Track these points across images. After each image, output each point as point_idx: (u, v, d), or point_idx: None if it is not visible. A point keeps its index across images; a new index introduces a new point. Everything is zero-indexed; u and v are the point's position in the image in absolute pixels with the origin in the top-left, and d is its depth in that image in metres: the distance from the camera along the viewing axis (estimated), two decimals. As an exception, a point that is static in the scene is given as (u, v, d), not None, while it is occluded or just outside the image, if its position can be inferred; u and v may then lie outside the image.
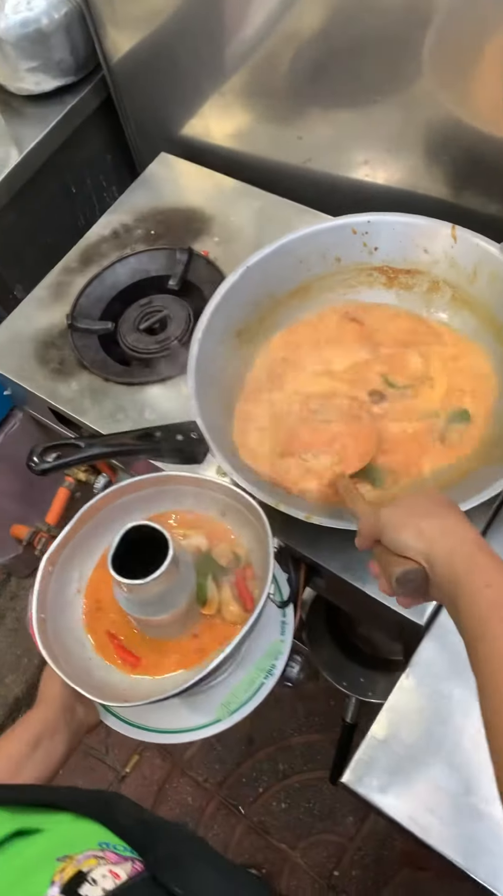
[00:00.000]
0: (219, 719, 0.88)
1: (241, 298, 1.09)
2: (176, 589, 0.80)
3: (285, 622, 0.94)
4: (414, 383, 1.05)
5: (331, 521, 0.88)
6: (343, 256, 1.12)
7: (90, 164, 1.54)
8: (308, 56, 1.15)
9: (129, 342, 1.21)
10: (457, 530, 0.66)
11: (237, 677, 0.91)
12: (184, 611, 0.83)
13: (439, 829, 0.82)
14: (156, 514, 0.94)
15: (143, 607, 0.81)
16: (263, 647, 0.93)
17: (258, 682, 0.90)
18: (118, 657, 0.87)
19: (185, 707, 0.90)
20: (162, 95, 1.39)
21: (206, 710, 0.89)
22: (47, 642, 0.84)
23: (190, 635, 0.87)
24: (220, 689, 0.90)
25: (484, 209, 1.18)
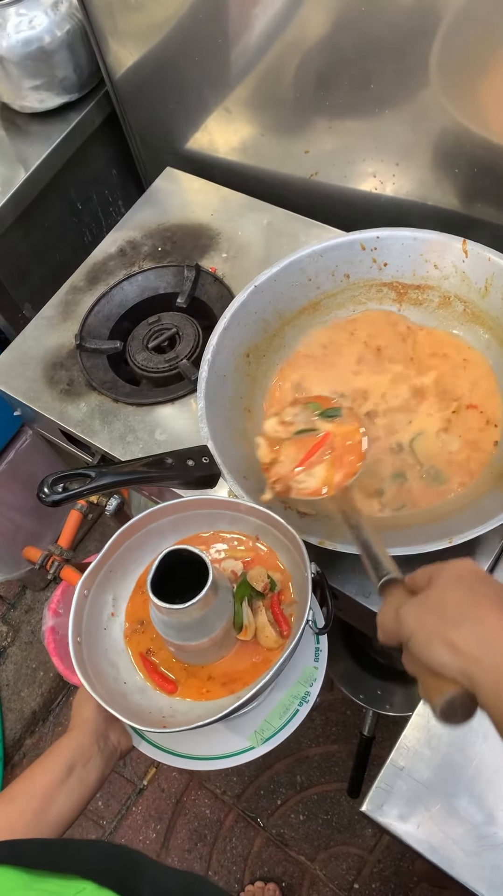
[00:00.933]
0: (252, 747, 0.87)
1: (249, 318, 1.08)
2: (213, 614, 0.79)
3: (319, 649, 0.93)
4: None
5: (345, 547, 0.87)
6: (352, 273, 1.11)
7: (96, 181, 1.53)
8: (313, 67, 1.14)
9: (138, 361, 1.20)
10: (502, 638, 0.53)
11: (271, 704, 0.89)
12: (220, 636, 0.82)
13: (462, 858, 0.81)
14: (190, 536, 0.93)
15: (180, 632, 0.80)
16: (297, 674, 0.91)
17: (292, 709, 0.89)
18: (154, 682, 0.87)
19: (219, 734, 0.89)
20: (166, 109, 1.38)
21: (239, 737, 0.88)
22: (83, 665, 0.83)
23: (226, 660, 0.87)
24: (254, 716, 0.89)
25: (496, 220, 1.17)
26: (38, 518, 1.79)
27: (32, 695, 2.05)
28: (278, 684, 0.92)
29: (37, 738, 2.02)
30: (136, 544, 0.91)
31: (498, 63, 0.98)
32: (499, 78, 1.00)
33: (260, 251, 1.28)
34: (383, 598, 0.66)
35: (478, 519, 0.86)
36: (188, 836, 1.84)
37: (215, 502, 0.91)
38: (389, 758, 0.87)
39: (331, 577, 0.97)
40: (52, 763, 0.83)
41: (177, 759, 0.89)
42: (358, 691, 1.60)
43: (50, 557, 1.16)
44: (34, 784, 0.81)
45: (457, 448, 1.00)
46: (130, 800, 1.91)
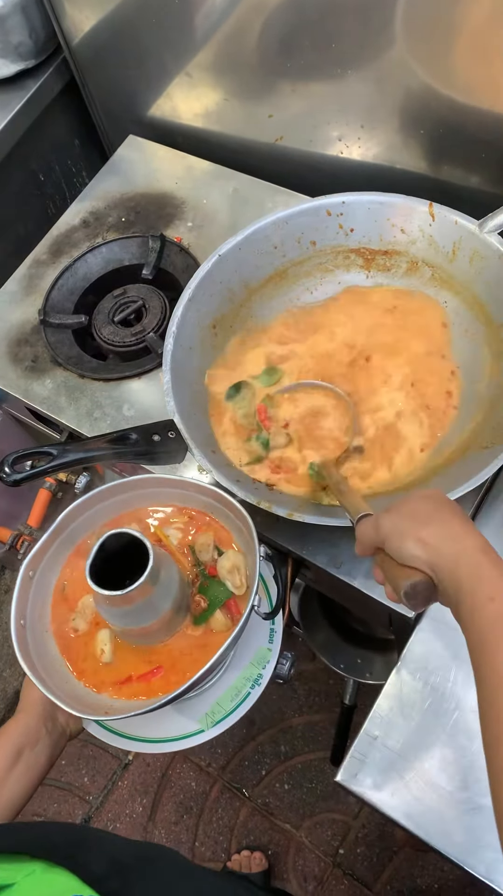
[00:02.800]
0: (202, 730, 0.86)
1: (214, 288, 1.06)
2: (157, 597, 0.78)
3: (274, 629, 0.92)
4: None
5: (314, 518, 0.85)
6: (318, 240, 1.09)
7: (58, 151, 1.49)
8: (276, 28, 1.11)
9: (104, 335, 1.18)
10: (462, 537, 0.62)
11: (223, 686, 0.89)
12: (167, 619, 0.80)
13: (436, 824, 0.81)
14: (137, 508, 0.92)
15: (122, 617, 0.78)
16: (250, 656, 0.91)
17: (244, 691, 0.88)
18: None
19: (168, 717, 0.88)
20: (126, 75, 1.34)
21: (189, 720, 0.87)
22: (26, 650, 0.81)
23: (172, 642, 0.85)
24: (206, 698, 0.88)
25: (464, 182, 1.15)
26: (13, 498, 1.77)
27: (14, 675, 2.05)
28: (231, 666, 0.91)
29: (20, 717, 2.02)
30: (84, 524, 0.89)
31: (464, 21, 0.95)
32: (466, 36, 0.97)
33: (226, 219, 1.25)
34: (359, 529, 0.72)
35: (449, 485, 0.85)
36: (174, 808, 1.85)
37: (163, 481, 0.90)
38: (363, 728, 0.87)
39: (302, 549, 0.96)
40: (0, 748, 0.82)
41: (125, 742, 0.89)
42: (338, 661, 1.60)
43: (20, 537, 1.14)
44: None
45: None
46: (116, 775, 1.91)
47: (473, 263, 1.01)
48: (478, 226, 0.98)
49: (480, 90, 1.01)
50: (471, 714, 0.85)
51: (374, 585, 0.93)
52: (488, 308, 1.00)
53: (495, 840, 0.79)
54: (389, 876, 1.68)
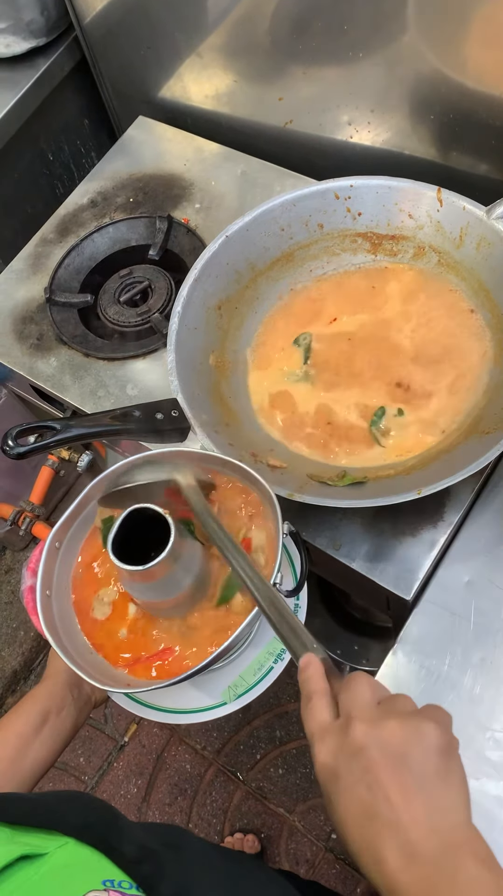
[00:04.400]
0: (224, 702, 0.87)
1: (221, 269, 1.06)
2: (180, 571, 0.78)
3: (298, 605, 0.92)
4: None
5: (315, 499, 0.86)
6: (326, 223, 1.09)
7: (67, 131, 1.49)
8: (289, 11, 1.11)
9: (109, 315, 1.18)
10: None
11: (246, 660, 0.89)
12: (189, 594, 0.80)
13: (427, 805, 0.81)
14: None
15: (145, 591, 0.79)
16: (273, 631, 0.91)
17: (267, 665, 0.88)
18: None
19: (193, 688, 0.88)
20: (138, 55, 1.34)
21: (212, 692, 0.88)
22: (51, 621, 0.81)
23: (196, 616, 0.84)
24: (229, 671, 0.88)
25: (473, 170, 1.15)
26: (15, 477, 1.77)
27: (13, 654, 2.06)
28: (254, 641, 0.91)
29: (18, 696, 2.03)
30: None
31: (476, 6, 0.95)
32: (478, 22, 0.97)
33: (233, 202, 1.25)
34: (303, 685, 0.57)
35: (449, 470, 0.85)
36: (169, 790, 1.86)
37: (192, 454, 0.88)
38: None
39: (302, 530, 0.96)
40: (27, 712, 0.83)
41: (148, 711, 0.89)
42: (335, 646, 1.61)
43: (21, 514, 1.15)
44: (9, 732, 0.81)
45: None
46: (112, 755, 1.93)
47: (480, 250, 1.01)
48: (486, 212, 0.98)
49: (491, 76, 1.01)
50: (465, 697, 0.85)
51: (373, 568, 0.93)
52: (493, 294, 1.00)
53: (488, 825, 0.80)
54: (381, 861, 1.69)
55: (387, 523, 0.95)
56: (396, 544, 0.93)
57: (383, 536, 0.94)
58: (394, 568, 0.92)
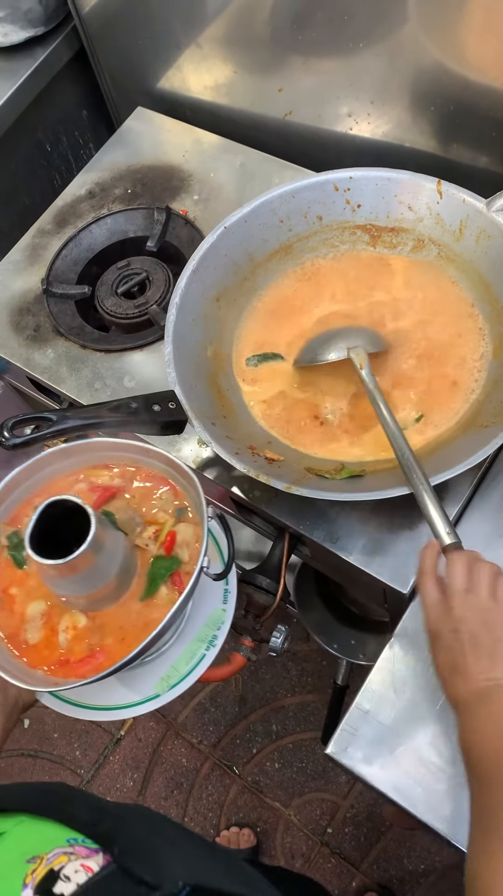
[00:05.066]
0: (157, 695, 0.85)
1: (219, 261, 1.05)
2: (103, 563, 0.75)
3: (228, 590, 0.91)
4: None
5: (312, 492, 0.85)
6: (325, 215, 1.08)
7: (65, 121, 1.48)
8: (289, 1, 1.10)
9: (106, 307, 1.18)
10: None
11: (178, 650, 0.88)
12: (114, 585, 0.79)
13: (423, 798, 0.81)
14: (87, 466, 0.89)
15: (69, 585, 0.76)
16: (204, 617, 0.89)
17: (199, 653, 0.87)
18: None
19: (123, 683, 0.87)
20: (136, 46, 1.33)
21: (145, 685, 0.86)
22: None
23: (119, 608, 0.82)
24: (161, 663, 0.87)
25: (474, 162, 1.14)
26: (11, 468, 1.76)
27: None
28: (185, 630, 0.90)
29: None
30: (24, 493, 0.87)
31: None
32: (478, 13, 0.97)
33: (232, 193, 1.24)
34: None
35: (447, 464, 0.85)
36: (165, 784, 1.86)
37: (107, 444, 0.87)
38: (354, 701, 0.87)
39: (299, 523, 0.96)
40: None
41: (79, 710, 0.87)
42: (332, 641, 1.60)
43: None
44: None
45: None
46: (108, 749, 1.92)
47: (480, 242, 1.00)
48: (486, 204, 0.98)
49: (492, 68, 1.00)
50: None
51: (370, 561, 0.93)
52: (493, 287, 0.99)
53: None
54: (376, 856, 1.70)
55: (385, 517, 0.94)
56: (393, 538, 0.93)
57: (380, 530, 0.94)
58: (391, 561, 0.92)
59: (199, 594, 0.90)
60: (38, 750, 1.94)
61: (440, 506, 0.80)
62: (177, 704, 1.94)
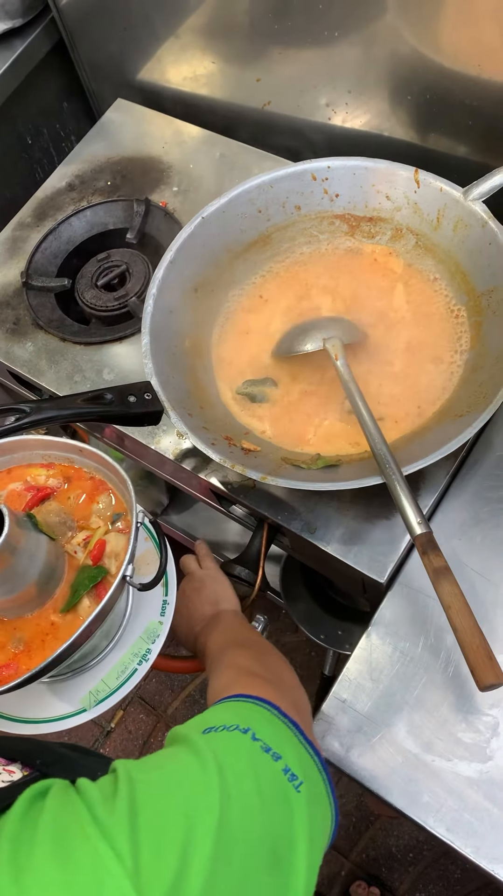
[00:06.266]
0: (83, 709, 0.83)
1: (197, 251, 1.05)
2: (21, 566, 0.73)
3: (167, 601, 0.88)
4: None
5: (287, 482, 0.86)
6: (303, 204, 1.08)
7: (46, 114, 1.47)
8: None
9: (86, 299, 1.18)
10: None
11: (110, 662, 0.85)
12: (34, 591, 0.76)
13: (400, 786, 0.81)
14: (24, 464, 0.88)
15: None
16: (139, 631, 0.87)
17: (131, 668, 0.85)
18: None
19: (50, 694, 0.84)
20: (116, 37, 1.32)
21: (72, 699, 0.84)
22: None
23: (42, 614, 0.80)
24: (91, 676, 0.85)
25: (452, 151, 1.14)
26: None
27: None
28: (119, 642, 0.87)
29: None
30: None
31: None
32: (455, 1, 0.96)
33: (212, 184, 1.24)
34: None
35: (423, 452, 0.85)
36: (155, 775, 1.86)
37: (47, 443, 0.87)
38: (331, 691, 0.87)
39: (277, 514, 0.96)
40: None
41: (4, 723, 0.84)
42: (319, 631, 1.61)
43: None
44: None
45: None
46: (98, 742, 1.93)
47: (457, 231, 1.00)
48: (463, 193, 0.98)
49: (466, 56, 1.00)
50: (439, 679, 0.85)
51: (348, 552, 0.93)
52: (470, 277, 0.99)
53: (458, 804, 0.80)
54: (365, 844, 1.70)
55: (362, 507, 0.94)
56: (371, 528, 0.93)
57: (358, 520, 0.94)
58: (369, 551, 0.92)
59: (136, 604, 0.88)
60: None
61: (412, 496, 0.80)
62: (167, 696, 1.95)
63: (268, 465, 0.91)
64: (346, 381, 0.91)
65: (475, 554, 0.90)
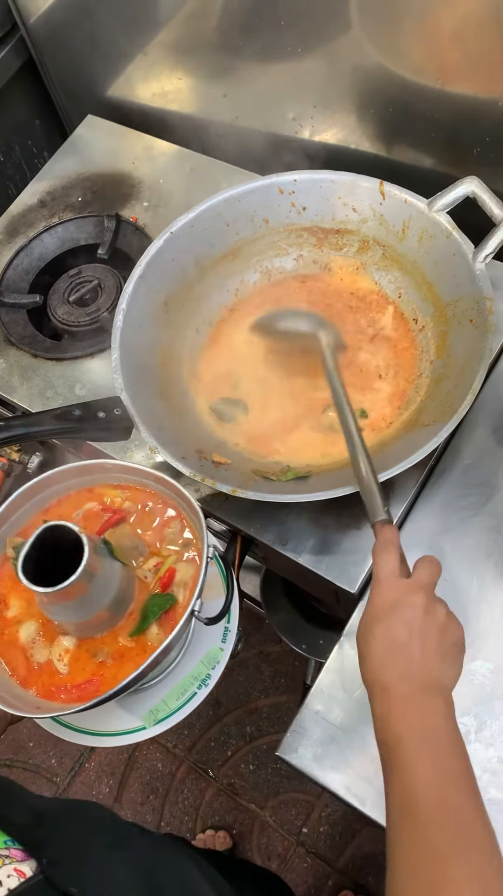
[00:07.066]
0: (144, 727, 0.85)
1: (166, 266, 1.06)
2: (96, 591, 0.75)
3: (228, 629, 0.90)
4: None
5: (257, 495, 0.86)
6: (271, 218, 1.09)
7: (17, 131, 1.48)
8: (230, 8, 1.11)
9: (59, 315, 1.18)
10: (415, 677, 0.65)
11: (171, 683, 0.87)
12: (107, 615, 0.78)
13: (373, 797, 0.82)
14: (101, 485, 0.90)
15: (61, 611, 0.76)
16: (201, 655, 0.89)
17: (190, 691, 0.86)
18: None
19: (111, 710, 0.86)
20: (84, 54, 1.33)
21: (133, 715, 0.85)
22: None
23: (113, 635, 0.82)
24: (152, 695, 0.86)
25: (418, 163, 1.15)
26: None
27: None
28: (180, 664, 0.89)
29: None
30: (38, 506, 0.87)
31: (417, 1, 0.95)
32: (418, 16, 0.97)
33: (181, 199, 1.25)
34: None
35: (390, 462, 0.85)
36: (140, 789, 1.86)
37: (122, 467, 0.88)
38: (304, 702, 0.88)
39: (249, 526, 0.96)
40: None
41: (65, 732, 0.87)
42: (300, 641, 1.61)
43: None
44: None
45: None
46: (83, 756, 1.92)
47: (422, 242, 1.01)
48: (428, 204, 0.99)
49: (428, 69, 1.01)
50: (410, 687, 0.85)
51: (319, 562, 0.93)
52: (435, 287, 1.00)
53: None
54: (351, 854, 1.70)
55: (333, 517, 0.95)
56: (341, 538, 0.94)
57: (328, 531, 0.94)
58: (340, 561, 0.93)
59: (198, 631, 0.90)
60: (14, 759, 1.94)
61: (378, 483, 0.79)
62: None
63: (239, 478, 0.92)
64: (331, 372, 0.91)
65: (445, 561, 0.91)
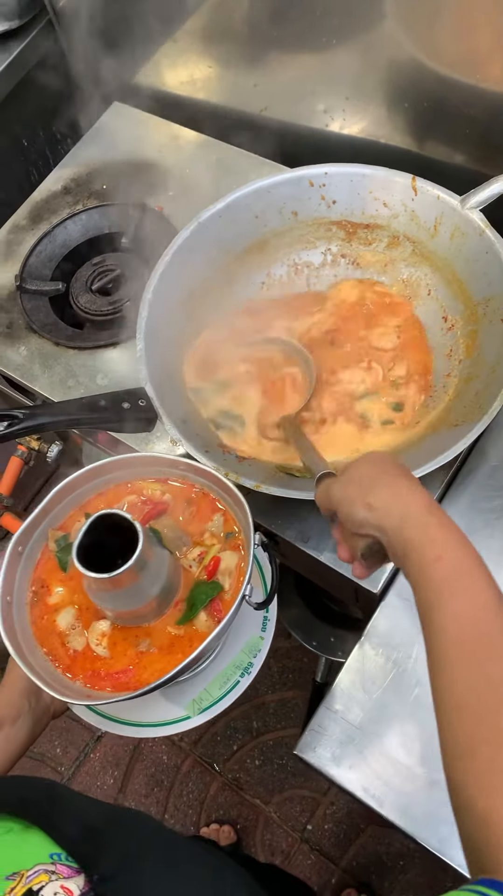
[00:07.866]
0: (188, 716, 0.85)
1: (193, 256, 1.05)
2: (147, 580, 0.75)
3: (267, 618, 0.90)
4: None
5: (282, 491, 0.85)
6: (300, 210, 1.08)
7: (42, 116, 1.46)
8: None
9: (81, 304, 1.17)
10: (408, 498, 0.63)
11: (213, 672, 0.87)
12: (155, 604, 0.78)
13: (391, 798, 0.81)
14: (141, 478, 0.90)
15: (111, 599, 0.76)
16: (241, 644, 0.89)
17: (233, 680, 0.87)
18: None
19: (155, 701, 0.86)
20: (113, 40, 1.31)
21: (176, 705, 0.86)
22: (11, 628, 0.79)
23: (161, 625, 0.82)
24: (194, 685, 0.87)
25: (449, 159, 1.13)
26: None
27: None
28: (222, 653, 0.90)
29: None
30: (76, 500, 0.87)
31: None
32: (454, 9, 0.96)
33: (208, 190, 1.23)
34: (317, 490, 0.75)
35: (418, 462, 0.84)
36: (145, 781, 1.86)
37: (162, 460, 0.88)
38: (324, 701, 0.87)
39: (271, 522, 0.95)
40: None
41: (110, 724, 0.87)
42: (311, 638, 1.61)
43: (-9, 504, 1.14)
44: None
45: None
46: (88, 747, 1.92)
47: (454, 239, 1.00)
48: (461, 201, 0.97)
49: (464, 64, 0.99)
50: (431, 690, 0.85)
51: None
52: (466, 285, 0.99)
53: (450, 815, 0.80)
54: (355, 852, 1.70)
55: (357, 515, 0.94)
56: (364, 537, 0.93)
57: (352, 529, 0.93)
58: (363, 560, 0.91)
59: (238, 620, 0.89)
60: (19, 748, 1.93)
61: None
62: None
63: (263, 474, 0.91)
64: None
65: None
